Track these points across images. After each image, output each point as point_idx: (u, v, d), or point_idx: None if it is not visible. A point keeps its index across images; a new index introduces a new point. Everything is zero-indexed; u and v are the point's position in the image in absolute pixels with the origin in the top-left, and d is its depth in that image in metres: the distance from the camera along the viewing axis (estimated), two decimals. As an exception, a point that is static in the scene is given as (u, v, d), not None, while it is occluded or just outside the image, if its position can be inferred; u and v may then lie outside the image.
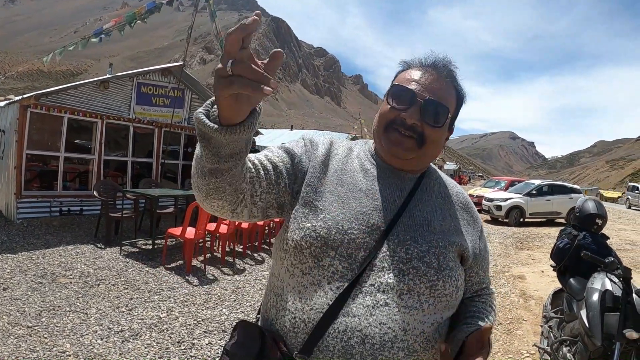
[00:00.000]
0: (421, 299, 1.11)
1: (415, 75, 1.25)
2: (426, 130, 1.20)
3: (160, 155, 11.09)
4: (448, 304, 1.17)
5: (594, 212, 4.13)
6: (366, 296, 1.08)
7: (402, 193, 1.25)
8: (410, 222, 1.20)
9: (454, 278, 1.17)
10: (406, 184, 1.28)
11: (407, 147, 1.20)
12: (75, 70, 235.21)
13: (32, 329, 4.07)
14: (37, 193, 9.14)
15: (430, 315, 1.13)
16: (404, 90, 1.21)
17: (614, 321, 2.97)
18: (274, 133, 28.06)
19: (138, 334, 4.19)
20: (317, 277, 1.12)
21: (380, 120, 1.25)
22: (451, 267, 1.17)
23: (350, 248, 1.12)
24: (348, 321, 1.05)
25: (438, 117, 1.21)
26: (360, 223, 1.15)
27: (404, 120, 1.19)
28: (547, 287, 6.49)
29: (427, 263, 1.13)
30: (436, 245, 1.17)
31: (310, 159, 1.27)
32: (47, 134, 9.63)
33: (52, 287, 5.24)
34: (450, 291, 1.15)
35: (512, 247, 11.39)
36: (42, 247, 6.97)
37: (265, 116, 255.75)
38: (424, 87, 1.21)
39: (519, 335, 5.16)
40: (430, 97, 1.20)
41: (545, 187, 17.89)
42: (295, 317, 1.10)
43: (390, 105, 1.22)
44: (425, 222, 1.21)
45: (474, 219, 1.36)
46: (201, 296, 5.47)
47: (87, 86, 9.56)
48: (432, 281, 1.12)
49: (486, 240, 1.40)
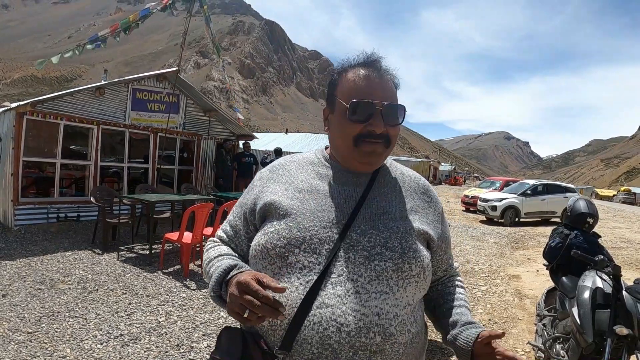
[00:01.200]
0: (390, 283, 1.15)
1: (361, 81, 1.27)
2: (390, 131, 1.27)
3: (156, 160, 11.11)
4: (417, 284, 1.21)
5: (585, 211, 4.19)
6: (336, 286, 1.12)
7: (359, 188, 1.31)
8: (369, 213, 1.25)
9: (419, 259, 1.21)
10: (362, 180, 1.33)
11: (379, 152, 1.27)
12: (69, 76, 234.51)
13: (33, 334, 4.10)
14: (34, 200, 9.15)
15: (402, 298, 1.17)
16: (363, 105, 1.23)
17: (604, 318, 3.02)
18: (269, 137, 28.07)
19: (137, 338, 4.22)
20: (286, 275, 1.17)
21: (346, 138, 1.27)
22: (414, 249, 1.21)
23: (313, 243, 1.18)
24: (322, 312, 1.10)
25: (398, 117, 1.29)
26: (321, 220, 1.22)
27: (373, 131, 1.24)
28: (542, 286, 6.53)
29: (390, 248, 1.18)
30: (397, 230, 1.22)
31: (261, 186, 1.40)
32: (43, 140, 9.63)
33: (51, 293, 5.26)
34: (418, 271, 1.20)
35: (507, 247, 11.43)
36: (40, 254, 6.99)
37: (260, 119, 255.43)
38: (376, 92, 1.26)
39: (514, 334, 5.21)
40: (387, 102, 1.25)
41: (540, 187, 17.94)
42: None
43: (352, 120, 1.24)
44: (384, 211, 1.27)
45: (433, 201, 1.42)
46: (199, 300, 5.50)
47: (82, 93, 9.57)
48: (397, 264, 1.17)
49: (446, 222, 1.46)
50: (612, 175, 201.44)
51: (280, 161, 1.48)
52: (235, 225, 1.43)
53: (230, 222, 1.46)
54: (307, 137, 27.96)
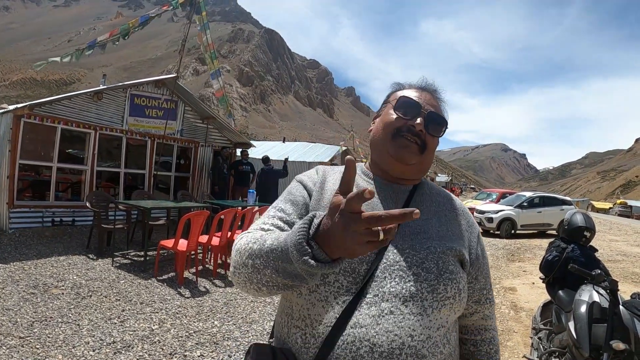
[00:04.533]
0: (424, 304, 1.13)
1: (415, 91, 1.37)
2: (427, 139, 1.30)
3: (152, 166, 11.10)
4: (452, 307, 1.18)
5: (582, 225, 4.19)
6: (371, 307, 1.11)
7: (397, 205, 1.30)
8: (406, 232, 1.23)
9: (455, 281, 1.18)
10: (400, 196, 1.33)
11: (413, 151, 1.28)
12: (68, 79, 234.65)
13: (25, 339, 4.06)
14: (29, 203, 9.13)
15: (436, 320, 1.15)
16: (411, 102, 1.32)
17: (601, 332, 3.01)
18: (266, 145, 28.06)
19: (130, 346, 4.18)
20: (323, 294, 1.14)
21: (387, 129, 1.33)
22: (451, 270, 1.19)
23: (353, 263, 1.15)
24: (356, 332, 1.08)
25: (439, 128, 1.33)
26: None
27: (412, 127, 1.28)
28: (538, 299, 6.53)
29: (426, 269, 1.16)
30: (434, 251, 1.20)
31: (309, 192, 1.34)
32: (40, 144, 9.61)
33: (44, 297, 5.22)
34: (453, 294, 1.17)
35: (503, 259, 11.42)
36: (34, 258, 6.95)
37: (258, 128, 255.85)
38: (425, 101, 1.34)
39: (509, 347, 5.19)
40: (431, 109, 1.33)
41: (537, 199, 18.00)
42: (306, 333, 1.13)
43: (397, 115, 1.32)
44: (422, 230, 1.25)
45: (469, 224, 1.39)
46: (193, 308, 5.47)
47: (80, 97, 9.58)
48: (433, 285, 1.14)
49: (484, 245, 1.42)
50: (608, 187, 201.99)
51: (320, 167, 1.46)
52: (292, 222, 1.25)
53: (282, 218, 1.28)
54: (304, 145, 27.92)
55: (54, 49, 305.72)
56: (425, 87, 1.41)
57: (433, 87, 1.42)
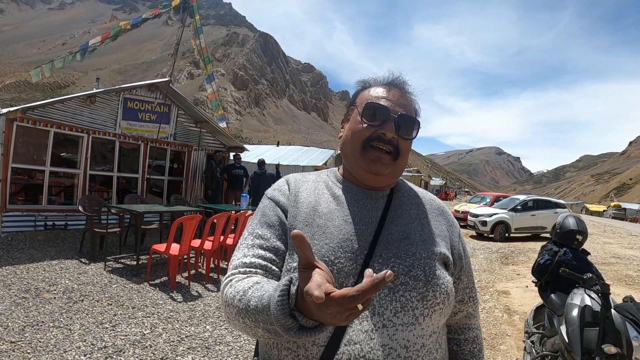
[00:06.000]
0: (416, 313, 1.12)
1: (381, 93, 1.30)
2: (400, 143, 1.25)
3: (146, 170, 11.07)
4: (442, 311, 1.18)
5: (574, 229, 4.19)
6: (363, 321, 1.09)
7: (377, 212, 1.27)
8: (390, 240, 1.21)
9: (443, 285, 1.17)
10: (379, 203, 1.29)
11: (385, 162, 1.24)
12: (62, 83, 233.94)
13: (16, 344, 4.03)
14: (22, 207, 9.08)
15: (428, 327, 1.15)
16: (378, 107, 1.25)
17: (593, 336, 3.01)
18: (261, 149, 28.03)
19: (122, 351, 4.16)
20: None
21: (356, 140, 1.27)
22: (438, 275, 1.18)
23: (340, 278, 1.12)
24: (350, 349, 1.06)
25: (411, 130, 1.27)
26: (345, 251, 1.16)
27: (383, 134, 1.23)
28: (532, 302, 6.53)
29: (414, 277, 1.14)
30: (419, 257, 1.18)
31: (283, 208, 1.29)
32: (33, 147, 9.58)
33: (36, 302, 5.19)
34: (442, 299, 1.16)
35: (497, 262, 11.44)
36: (26, 262, 6.92)
37: (252, 132, 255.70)
38: (394, 102, 1.27)
39: (502, 351, 5.19)
40: (401, 111, 1.26)
41: (530, 202, 18.03)
42: (299, 355, 1.10)
43: (366, 123, 1.25)
44: (404, 237, 1.22)
45: (450, 224, 1.37)
46: (185, 313, 5.45)
47: (73, 100, 9.56)
48: (422, 293, 1.13)
49: (465, 244, 1.41)
50: (602, 190, 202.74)
51: (286, 178, 1.41)
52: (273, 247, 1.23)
53: (262, 245, 1.23)
54: (298, 149, 27.92)
55: (48, 52, 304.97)
56: (392, 82, 1.35)
57: (401, 81, 1.35)
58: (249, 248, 1.22)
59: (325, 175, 1.41)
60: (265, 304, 0.93)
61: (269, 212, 1.30)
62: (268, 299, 0.93)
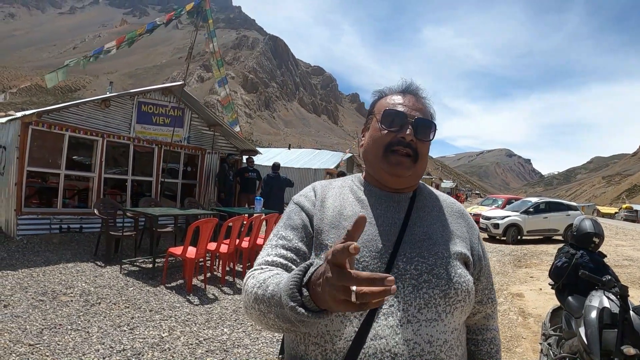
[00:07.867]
0: (439, 310, 1.16)
1: (397, 99, 1.37)
2: (419, 145, 1.31)
3: (160, 173, 11.13)
4: (463, 309, 1.22)
5: (591, 231, 4.18)
6: (388, 317, 1.13)
7: (400, 214, 1.32)
8: (413, 240, 1.25)
9: (464, 283, 1.22)
10: (402, 205, 1.35)
11: (406, 165, 1.29)
12: (74, 86, 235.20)
13: (34, 346, 4.08)
14: (37, 210, 9.16)
15: (450, 323, 1.18)
16: (396, 113, 1.32)
17: (612, 338, 3.02)
18: (272, 152, 28.12)
19: (140, 353, 4.20)
20: None
21: (377, 146, 1.33)
22: (459, 273, 1.22)
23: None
24: (376, 344, 1.10)
25: (428, 132, 1.34)
26: (370, 250, 1.21)
27: (403, 138, 1.29)
28: (546, 305, 6.51)
29: (437, 275, 1.18)
30: (442, 256, 1.23)
31: (308, 214, 1.35)
32: (47, 151, 9.66)
33: (53, 305, 5.24)
34: (463, 296, 1.21)
35: (510, 265, 11.40)
36: (42, 265, 6.98)
37: (263, 134, 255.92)
38: (410, 107, 1.34)
39: (518, 353, 5.18)
40: (418, 115, 1.33)
41: (542, 205, 17.97)
42: (326, 349, 1.14)
43: (385, 129, 1.32)
44: (427, 237, 1.27)
45: (469, 226, 1.42)
46: (202, 315, 5.48)
47: (88, 104, 9.63)
48: (444, 291, 1.17)
49: (484, 246, 1.45)
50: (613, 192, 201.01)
51: (313, 185, 1.48)
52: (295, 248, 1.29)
53: (285, 246, 1.30)
54: (310, 152, 27.97)
55: (59, 56, 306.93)
56: (407, 89, 1.42)
57: (415, 87, 1.42)
58: (273, 248, 1.31)
59: (350, 181, 1.48)
60: (281, 286, 0.96)
61: (294, 216, 1.37)
62: (285, 281, 0.95)
